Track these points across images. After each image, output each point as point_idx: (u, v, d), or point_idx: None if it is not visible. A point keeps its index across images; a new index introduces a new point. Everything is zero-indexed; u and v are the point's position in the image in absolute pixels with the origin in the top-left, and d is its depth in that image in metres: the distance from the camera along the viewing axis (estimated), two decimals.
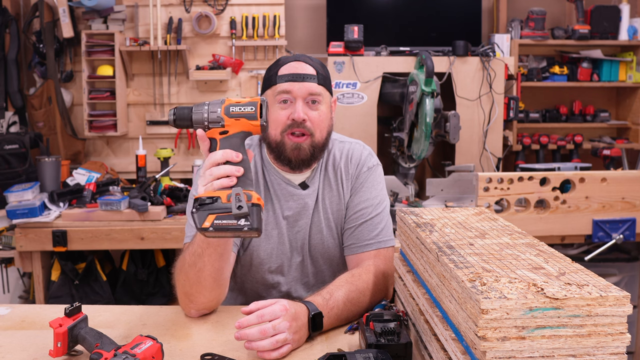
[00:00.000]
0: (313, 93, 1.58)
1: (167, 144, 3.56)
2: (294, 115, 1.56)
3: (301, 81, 1.57)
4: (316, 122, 1.59)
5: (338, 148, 1.73)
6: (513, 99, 3.35)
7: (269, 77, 1.63)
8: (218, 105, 1.24)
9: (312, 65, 1.61)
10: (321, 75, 1.61)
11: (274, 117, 1.59)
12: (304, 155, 1.60)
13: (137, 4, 3.45)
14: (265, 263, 1.68)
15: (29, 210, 2.82)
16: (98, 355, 1.17)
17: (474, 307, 0.88)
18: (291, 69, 1.59)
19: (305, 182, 1.68)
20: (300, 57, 1.63)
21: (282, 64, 1.62)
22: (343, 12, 3.52)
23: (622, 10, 3.63)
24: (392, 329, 1.24)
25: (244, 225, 1.17)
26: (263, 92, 1.66)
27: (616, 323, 0.88)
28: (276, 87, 1.59)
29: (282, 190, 1.67)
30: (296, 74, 1.58)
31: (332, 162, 1.71)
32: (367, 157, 1.73)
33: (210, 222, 1.16)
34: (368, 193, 1.69)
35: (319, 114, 1.60)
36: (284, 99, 1.58)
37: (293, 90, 1.57)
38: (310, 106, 1.59)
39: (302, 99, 1.58)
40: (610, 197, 2.77)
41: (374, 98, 3.24)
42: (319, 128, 1.60)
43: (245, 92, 3.51)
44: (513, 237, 1.18)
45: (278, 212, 1.68)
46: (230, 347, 1.32)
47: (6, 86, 3.37)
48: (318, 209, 1.68)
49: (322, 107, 1.61)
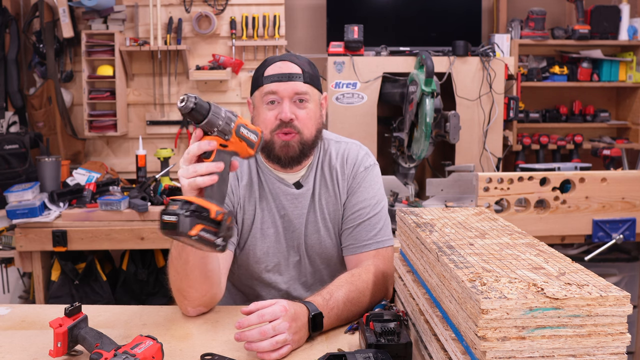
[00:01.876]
0: (299, 92, 1.59)
1: (167, 144, 3.56)
2: (281, 116, 1.57)
3: (287, 81, 1.58)
4: (304, 120, 1.60)
5: (334, 148, 1.73)
6: (513, 99, 3.35)
7: (256, 78, 1.64)
8: (232, 119, 1.23)
9: (298, 64, 1.61)
10: (308, 73, 1.61)
11: (262, 118, 1.61)
12: (293, 153, 1.60)
13: (137, 4, 3.45)
14: (262, 262, 1.69)
15: (29, 210, 2.82)
16: (98, 355, 1.17)
17: (474, 307, 0.88)
18: (277, 69, 1.60)
19: (300, 181, 1.68)
20: (286, 56, 1.64)
21: (268, 64, 1.62)
22: (343, 12, 3.52)
23: (622, 10, 3.63)
24: (392, 329, 1.24)
25: (220, 244, 1.19)
26: (252, 93, 1.67)
27: (616, 323, 0.88)
28: (263, 88, 1.60)
29: (277, 189, 1.68)
30: (282, 74, 1.59)
31: (328, 162, 1.71)
32: (363, 157, 1.73)
33: (196, 231, 1.16)
34: (365, 193, 1.69)
35: (307, 112, 1.60)
36: (271, 99, 1.59)
37: (279, 91, 1.58)
38: (297, 105, 1.60)
39: (288, 98, 1.58)
40: (610, 197, 2.77)
41: (374, 98, 3.24)
42: (306, 126, 1.61)
43: (245, 92, 3.51)
44: (513, 237, 1.18)
45: (274, 210, 1.68)
46: (230, 347, 1.32)
47: (6, 86, 3.37)
48: (314, 208, 1.69)
49: (309, 105, 1.61)
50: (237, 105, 3.54)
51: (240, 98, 3.54)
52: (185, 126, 3.51)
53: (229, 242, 1.22)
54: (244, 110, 3.54)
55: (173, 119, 3.54)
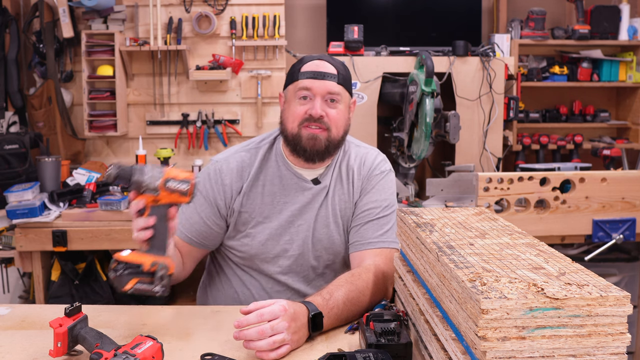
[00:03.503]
0: (332, 92, 1.64)
1: (167, 144, 3.56)
2: (312, 111, 1.62)
3: (321, 79, 1.63)
4: (333, 119, 1.64)
5: (354, 151, 1.78)
6: (513, 99, 3.35)
7: (292, 73, 1.69)
8: (158, 176, 1.32)
9: (333, 64, 1.67)
10: (342, 75, 1.66)
11: (292, 110, 1.65)
12: (319, 147, 1.64)
13: (137, 4, 3.45)
14: (262, 252, 1.71)
15: (29, 210, 2.82)
16: (98, 355, 1.17)
17: (474, 307, 0.88)
18: (313, 67, 1.65)
19: (318, 178, 1.72)
20: (324, 56, 1.70)
21: (305, 61, 1.68)
22: (343, 12, 3.52)
23: (622, 10, 3.63)
24: (392, 329, 1.24)
25: (158, 290, 1.31)
26: (286, 86, 1.71)
27: (616, 323, 0.88)
28: (298, 83, 1.65)
29: (293, 184, 1.71)
30: (317, 72, 1.64)
31: (346, 163, 1.75)
32: (380, 162, 1.78)
33: (131, 285, 1.30)
34: (377, 195, 1.73)
35: (337, 112, 1.65)
36: (303, 95, 1.64)
37: (313, 88, 1.63)
38: (328, 104, 1.64)
39: (321, 96, 1.63)
40: (610, 197, 2.77)
41: (374, 98, 3.24)
42: (335, 125, 1.65)
43: (245, 92, 3.51)
44: (513, 237, 1.18)
45: (282, 205, 1.70)
46: (230, 347, 1.32)
47: (6, 86, 3.37)
48: (327, 204, 1.72)
49: (340, 106, 1.66)
50: (237, 105, 3.54)
51: (240, 98, 3.54)
52: (185, 126, 3.51)
53: (168, 287, 1.33)
54: (244, 111, 3.54)
55: (173, 119, 3.54)
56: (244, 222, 1.71)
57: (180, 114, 3.52)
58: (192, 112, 3.52)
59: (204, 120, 3.50)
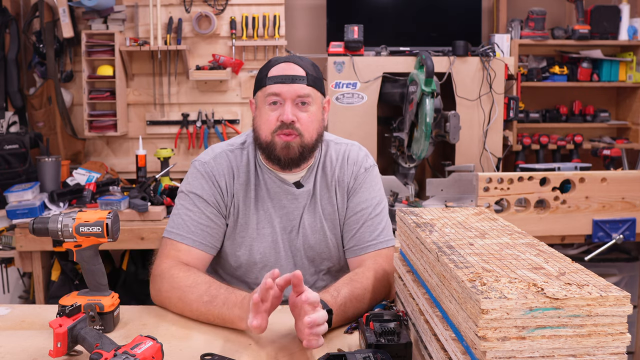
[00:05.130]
0: (302, 95, 1.59)
1: (167, 144, 3.56)
2: (283, 117, 1.57)
3: (290, 83, 1.58)
4: (305, 123, 1.60)
5: (334, 149, 1.74)
6: (513, 99, 3.35)
7: (260, 79, 1.64)
8: (69, 223, 1.38)
9: (302, 66, 1.61)
10: (311, 76, 1.61)
11: (264, 118, 1.61)
12: (293, 154, 1.60)
13: (137, 4, 3.45)
14: (259, 262, 1.69)
15: (29, 210, 2.82)
16: (98, 355, 1.17)
17: (474, 307, 0.88)
18: (280, 71, 1.60)
19: (300, 181, 1.69)
20: (291, 58, 1.64)
21: (272, 65, 1.62)
22: (343, 12, 3.52)
23: (622, 10, 3.63)
24: (392, 329, 1.24)
25: (99, 329, 1.38)
26: (255, 93, 1.67)
27: (616, 323, 0.88)
28: (266, 89, 1.60)
29: (276, 189, 1.68)
30: (285, 76, 1.59)
31: (329, 163, 1.72)
32: (363, 158, 1.74)
33: None
34: (367, 194, 1.70)
35: (309, 115, 1.61)
36: (273, 100, 1.59)
37: (282, 93, 1.58)
38: (299, 107, 1.60)
39: (291, 100, 1.58)
40: (610, 197, 2.77)
41: (374, 98, 3.24)
42: (307, 129, 1.61)
43: (245, 92, 3.51)
44: (513, 237, 1.18)
45: (271, 210, 1.68)
46: (230, 347, 1.32)
47: (6, 86, 3.37)
48: (314, 208, 1.69)
49: (312, 108, 1.61)
50: (237, 105, 3.55)
51: (240, 98, 3.54)
52: (185, 126, 3.51)
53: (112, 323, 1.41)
54: (244, 111, 3.54)
55: (173, 119, 3.54)
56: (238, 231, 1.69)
57: (180, 114, 3.52)
58: (192, 112, 3.52)
59: (204, 120, 3.50)
